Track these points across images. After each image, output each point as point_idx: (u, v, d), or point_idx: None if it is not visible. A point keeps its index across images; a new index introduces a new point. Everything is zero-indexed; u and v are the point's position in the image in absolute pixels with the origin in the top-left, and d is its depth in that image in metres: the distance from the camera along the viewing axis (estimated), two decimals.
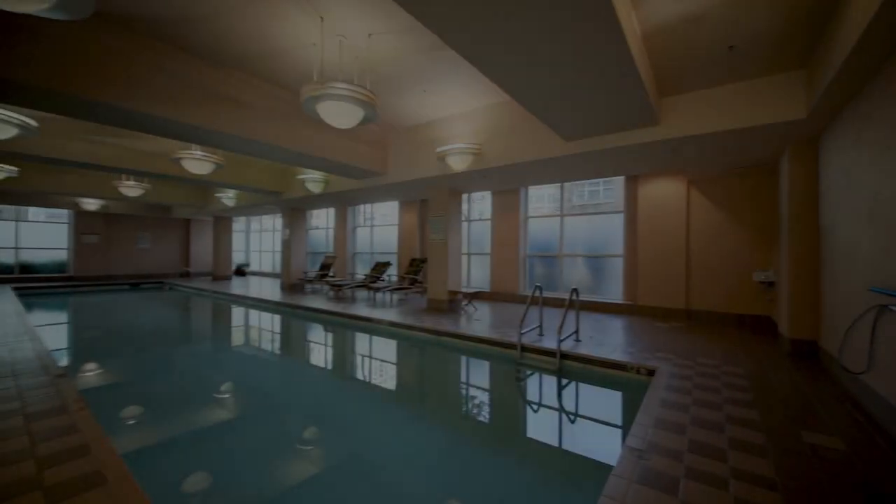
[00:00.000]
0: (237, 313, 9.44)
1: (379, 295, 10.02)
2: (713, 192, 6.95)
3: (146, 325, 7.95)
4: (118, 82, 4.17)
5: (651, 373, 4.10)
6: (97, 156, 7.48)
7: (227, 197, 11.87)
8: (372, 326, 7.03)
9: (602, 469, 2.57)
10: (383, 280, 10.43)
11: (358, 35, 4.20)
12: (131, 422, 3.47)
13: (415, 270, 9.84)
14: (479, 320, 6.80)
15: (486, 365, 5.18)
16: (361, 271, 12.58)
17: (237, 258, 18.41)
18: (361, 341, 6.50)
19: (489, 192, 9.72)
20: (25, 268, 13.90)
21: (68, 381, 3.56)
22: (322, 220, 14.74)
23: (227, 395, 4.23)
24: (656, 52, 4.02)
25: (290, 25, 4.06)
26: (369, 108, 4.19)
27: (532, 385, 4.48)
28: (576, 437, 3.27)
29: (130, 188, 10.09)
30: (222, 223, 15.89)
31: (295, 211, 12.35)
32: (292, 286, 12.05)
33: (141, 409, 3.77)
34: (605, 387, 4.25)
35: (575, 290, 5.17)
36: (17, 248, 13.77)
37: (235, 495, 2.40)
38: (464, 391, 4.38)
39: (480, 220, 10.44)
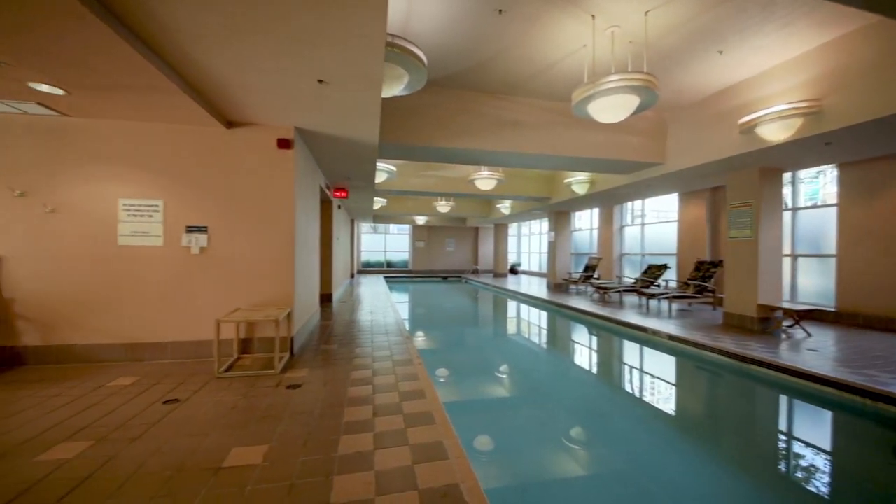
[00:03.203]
0: (511, 306, 10.75)
1: (653, 302, 8.88)
2: None
3: (451, 308, 10.37)
4: (435, 128, 5.61)
5: None
6: (425, 185, 10.44)
7: (504, 207, 13.74)
8: (645, 337, 6.31)
9: None
10: (658, 285, 9.17)
11: (633, 18, 3.89)
12: (442, 379, 4.57)
13: (702, 276, 8.11)
14: (814, 350, 4.83)
15: (825, 416, 3.62)
16: (630, 274, 11.56)
17: (511, 258, 20.99)
18: (630, 351, 5.96)
19: (832, 165, 6.77)
20: (389, 264, 21.21)
21: (411, 341, 5.09)
22: (586, 222, 14.57)
23: (504, 375, 4.88)
24: None
25: (560, 37, 4.24)
26: (647, 92, 3.79)
27: None
28: None
29: (443, 206, 13.43)
30: (500, 229, 18.59)
31: (559, 214, 12.79)
32: (557, 286, 12.51)
33: (448, 370, 4.92)
34: None
35: None
36: (385, 251, 21.25)
37: (506, 450, 2.72)
38: (783, 444, 3.21)
39: (815, 206, 7.41)
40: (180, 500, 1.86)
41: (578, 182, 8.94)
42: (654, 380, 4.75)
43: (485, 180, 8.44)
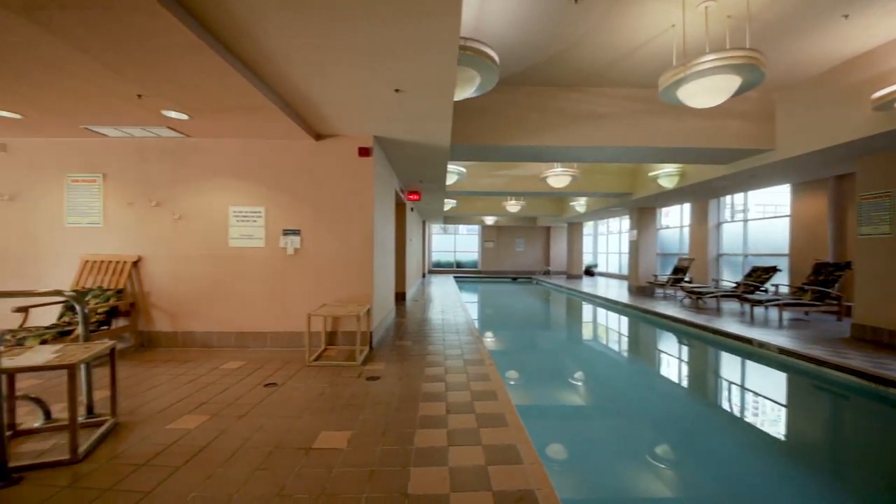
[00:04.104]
0: (587, 309, 10.19)
1: (758, 310, 7.78)
2: None
3: (521, 309, 10.17)
4: (507, 127, 5.54)
5: None
6: (495, 185, 10.39)
7: (579, 204, 13.09)
8: (749, 349, 5.54)
9: None
10: (765, 291, 8.01)
11: None
12: (512, 382, 4.49)
13: (824, 280, 6.90)
14: None
15: None
16: (730, 277, 10.25)
17: (586, 259, 19.90)
18: (729, 364, 5.28)
19: None
20: (458, 264, 21.52)
21: (482, 341, 5.09)
22: (674, 218, 13.25)
23: (579, 383, 4.64)
24: None
25: (645, 20, 3.92)
26: (750, 70, 3.34)
27: None
28: None
29: (513, 206, 13.23)
30: (574, 228, 17.71)
31: (643, 211, 11.81)
32: (640, 289, 11.57)
33: (520, 373, 4.82)
34: None
35: None
36: (454, 252, 21.59)
37: (582, 460, 2.57)
38: None
39: None
40: (278, 475, 2.08)
41: (666, 175, 8.18)
42: (758, 398, 4.16)
43: (558, 177, 8.11)
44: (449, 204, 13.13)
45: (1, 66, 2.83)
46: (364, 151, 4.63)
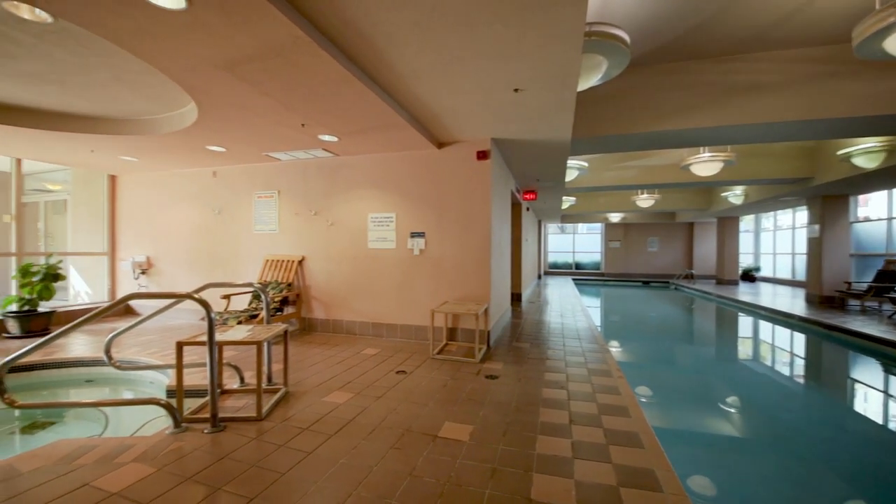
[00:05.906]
0: (745, 323, 8.48)
1: None
2: None
3: (657, 319, 9.03)
4: (638, 112, 4.99)
5: None
6: (621, 179, 9.48)
7: (734, 195, 10.98)
8: None
9: None
10: None
11: None
12: (645, 399, 4.01)
13: None
14: None
15: None
16: None
17: (745, 261, 16.54)
18: None
19: None
20: (577, 265, 20.25)
21: (608, 351, 4.69)
22: (877, 208, 10.04)
23: (735, 410, 3.90)
24: None
25: None
26: None
27: None
28: None
29: (644, 200, 11.84)
30: (727, 224, 14.91)
31: (828, 199, 9.27)
32: (825, 299, 9.10)
33: (654, 390, 4.28)
34: None
35: None
36: (573, 252, 20.41)
37: (738, 496, 2.13)
38: None
39: None
40: (410, 456, 2.27)
41: (865, 152, 6.26)
42: None
43: (705, 164, 6.92)
44: (567, 202, 12.48)
45: (214, 113, 3.77)
46: (482, 155, 4.74)
